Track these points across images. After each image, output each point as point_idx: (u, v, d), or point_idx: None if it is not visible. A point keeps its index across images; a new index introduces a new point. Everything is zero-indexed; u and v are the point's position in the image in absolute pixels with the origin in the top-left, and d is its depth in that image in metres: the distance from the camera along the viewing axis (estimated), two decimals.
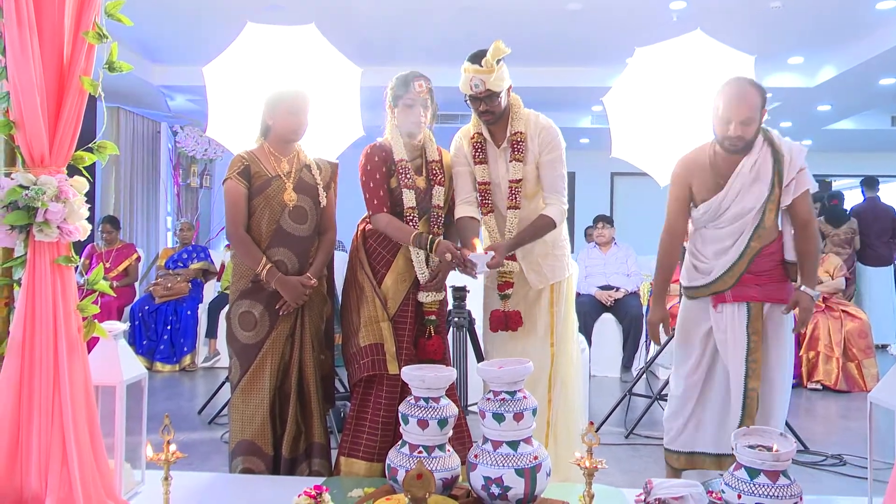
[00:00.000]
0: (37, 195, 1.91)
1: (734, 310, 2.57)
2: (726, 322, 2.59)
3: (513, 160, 2.70)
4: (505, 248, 2.62)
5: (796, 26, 5.83)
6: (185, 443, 3.67)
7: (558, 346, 2.81)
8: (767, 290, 2.56)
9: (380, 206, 2.65)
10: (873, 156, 10.89)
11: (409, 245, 2.60)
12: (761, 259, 2.57)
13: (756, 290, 2.56)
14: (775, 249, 2.59)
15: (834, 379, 5.21)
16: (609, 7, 5.48)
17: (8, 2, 1.85)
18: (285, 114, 2.66)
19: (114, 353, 2.25)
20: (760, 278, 2.56)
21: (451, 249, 2.53)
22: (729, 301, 2.59)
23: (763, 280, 2.56)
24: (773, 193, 2.54)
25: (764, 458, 1.77)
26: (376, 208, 2.66)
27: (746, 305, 2.55)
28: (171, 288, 6.03)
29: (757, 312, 2.55)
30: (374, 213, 2.67)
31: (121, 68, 2.05)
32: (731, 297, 2.58)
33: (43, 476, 1.94)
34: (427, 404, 2.08)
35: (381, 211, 2.65)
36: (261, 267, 2.59)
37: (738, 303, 2.57)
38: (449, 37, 6.08)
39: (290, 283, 2.61)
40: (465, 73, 2.61)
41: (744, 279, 2.57)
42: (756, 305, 2.55)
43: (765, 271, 2.57)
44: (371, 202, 2.67)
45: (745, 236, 2.58)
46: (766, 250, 2.57)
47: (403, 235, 2.60)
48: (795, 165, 2.53)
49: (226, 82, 3.70)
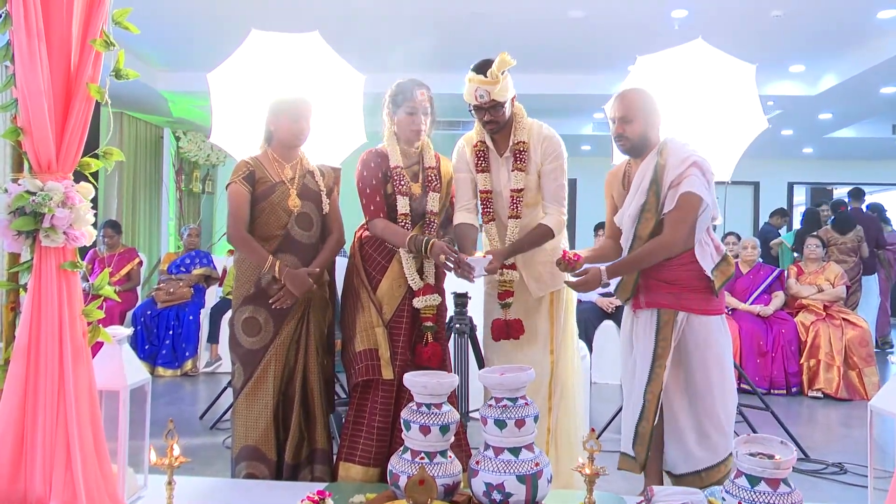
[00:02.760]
0: (43, 201, 1.93)
1: (647, 316, 2.58)
2: (640, 327, 2.61)
3: (515, 170, 2.72)
4: (503, 254, 2.65)
5: (797, 35, 5.85)
6: (187, 448, 3.66)
7: (558, 354, 2.82)
8: (681, 299, 2.52)
9: (376, 212, 2.68)
10: (874, 164, 10.91)
11: (405, 248, 2.62)
12: (671, 268, 2.53)
13: (668, 297, 2.53)
14: (690, 260, 2.52)
15: (835, 387, 5.21)
16: (611, 15, 5.51)
17: (17, 10, 1.87)
18: (286, 120, 2.68)
19: (118, 358, 2.26)
20: (673, 286, 2.53)
21: (445, 251, 2.54)
22: (643, 307, 2.60)
23: (676, 289, 2.53)
24: (647, 202, 2.53)
25: (765, 466, 1.78)
26: (373, 214, 2.68)
27: (657, 312, 2.54)
28: (173, 293, 6.04)
29: (668, 319, 2.52)
30: (370, 219, 2.70)
31: (127, 76, 2.07)
32: (644, 304, 2.59)
33: (47, 480, 1.95)
34: (429, 410, 2.09)
35: (378, 216, 2.68)
36: (268, 264, 2.60)
37: (650, 309, 2.57)
38: (452, 44, 6.10)
39: (298, 276, 2.62)
40: (470, 83, 2.62)
41: (653, 286, 2.56)
42: (667, 312, 2.53)
43: (679, 280, 2.53)
44: (367, 208, 2.70)
45: (627, 244, 2.62)
46: (676, 260, 2.52)
47: (399, 239, 2.63)
48: (672, 174, 2.48)
49: (230, 89, 3.72)
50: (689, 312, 2.52)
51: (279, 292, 2.63)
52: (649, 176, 2.54)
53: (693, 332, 2.54)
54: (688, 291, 2.52)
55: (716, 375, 2.54)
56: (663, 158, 2.52)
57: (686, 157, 2.49)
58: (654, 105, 2.60)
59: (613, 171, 2.80)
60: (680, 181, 2.46)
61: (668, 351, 2.52)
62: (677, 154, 2.51)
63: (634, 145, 2.58)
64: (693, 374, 2.56)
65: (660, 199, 2.52)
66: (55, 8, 1.94)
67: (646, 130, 2.56)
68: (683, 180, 2.46)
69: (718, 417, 2.55)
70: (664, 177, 2.50)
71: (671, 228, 2.49)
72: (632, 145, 2.58)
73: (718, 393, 2.55)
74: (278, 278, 2.61)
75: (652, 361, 2.53)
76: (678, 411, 2.58)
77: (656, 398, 2.52)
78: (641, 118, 2.56)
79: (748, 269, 5.76)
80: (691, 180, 2.46)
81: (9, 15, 1.91)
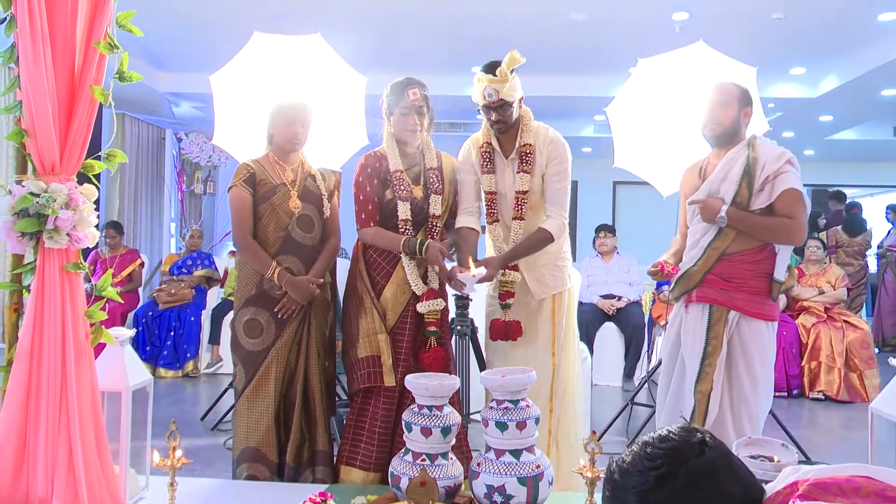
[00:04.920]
0: (47, 203, 1.93)
1: (698, 311, 2.55)
2: (690, 322, 2.57)
3: (520, 171, 2.73)
4: (499, 262, 2.65)
5: (798, 37, 5.86)
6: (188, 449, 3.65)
7: (560, 356, 2.82)
8: (733, 297, 2.48)
9: (367, 221, 2.67)
10: (875, 165, 10.92)
11: (401, 253, 2.62)
12: (731, 264, 2.50)
13: (720, 293, 2.50)
14: (754, 259, 2.50)
15: (836, 389, 5.21)
16: (612, 18, 5.51)
17: (22, 13, 1.88)
18: (283, 124, 2.70)
19: (120, 360, 2.27)
20: (728, 283, 2.49)
21: (439, 261, 2.55)
22: (693, 301, 2.57)
23: (730, 286, 2.49)
24: (738, 195, 2.50)
25: (765, 469, 1.78)
26: (363, 222, 2.67)
27: (709, 308, 2.51)
28: (174, 294, 6.05)
29: (719, 317, 2.49)
30: (360, 227, 2.68)
31: (131, 78, 2.08)
32: (696, 297, 2.55)
33: (49, 480, 1.96)
34: (431, 412, 2.09)
35: (368, 225, 2.66)
36: (271, 270, 2.61)
37: (701, 304, 2.54)
38: (453, 46, 6.11)
39: (299, 283, 2.63)
40: (479, 83, 2.64)
41: (709, 280, 2.53)
42: (718, 310, 2.49)
43: (735, 277, 2.50)
44: (359, 215, 2.68)
45: (709, 235, 2.56)
46: (739, 256, 2.49)
47: (393, 244, 2.62)
48: (768, 170, 2.47)
49: (232, 91, 3.73)
50: (741, 313, 2.49)
51: (283, 299, 2.64)
52: (739, 167, 2.51)
53: (742, 333, 2.50)
54: (742, 290, 2.49)
55: (760, 379, 2.52)
56: (755, 152, 2.51)
57: (781, 153, 2.50)
58: (749, 99, 2.61)
59: (690, 168, 2.78)
60: (777, 176, 2.46)
61: (718, 349, 2.48)
62: (772, 150, 2.51)
63: (726, 131, 2.57)
64: (739, 375, 2.52)
65: (752, 191, 2.49)
66: (59, 11, 1.95)
67: (738, 119, 2.57)
68: (780, 175, 2.46)
69: (755, 420, 2.53)
70: (757, 170, 2.48)
71: (797, 217, 2.47)
72: (723, 130, 2.57)
73: (760, 396, 2.53)
74: (277, 285, 2.62)
75: (702, 359, 2.49)
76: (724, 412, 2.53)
77: (706, 398, 2.48)
78: (737, 105, 2.57)
79: None
80: (789, 177, 2.46)
81: (14, 18, 1.92)
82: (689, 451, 1.20)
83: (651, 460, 1.21)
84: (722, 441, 1.28)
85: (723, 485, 1.19)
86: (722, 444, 1.24)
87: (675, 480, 1.18)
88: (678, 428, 1.26)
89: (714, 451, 1.21)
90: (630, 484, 1.21)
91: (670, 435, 1.24)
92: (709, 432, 1.25)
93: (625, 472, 1.23)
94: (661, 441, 1.23)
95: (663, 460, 1.20)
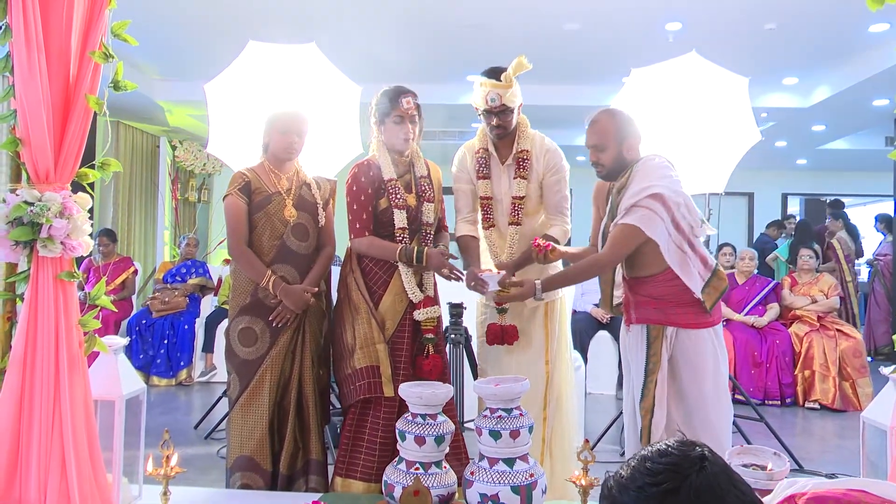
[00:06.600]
0: (41, 211, 1.94)
1: (637, 330, 2.58)
2: (631, 342, 2.60)
3: (517, 177, 2.75)
4: (512, 267, 2.71)
5: (790, 48, 5.91)
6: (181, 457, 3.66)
7: (553, 364, 2.83)
8: (668, 314, 2.50)
9: (361, 231, 2.64)
10: (867, 175, 10.98)
11: (397, 261, 2.62)
12: (655, 284, 2.51)
13: (654, 312, 2.52)
14: (665, 280, 2.49)
15: (831, 398, 5.23)
16: (606, 27, 5.55)
17: (17, 22, 1.89)
18: (278, 133, 2.71)
19: (113, 368, 2.27)
20: (660, 302, 2.51)
21: (445, 265, 2.55)
22: (633, 322, 2.60)
23: (663, 304, 2.51)
24: (606, 225, 2.54)
25: (758, 477, 1.79)
26: (358, 232, 2.65)
27: (647, 328, 2.54)
28: (168, 302, 6.04)
29: (657, 334, 2.51)
30: (354, 237, 2.66)
31: (126, 87, 2.09)
32: (634, 319, 2.59)
33: (42, 489, 1.96)
34: (424, 421, 2.09)
35: (363, 235, 2.64)
36: (266, 279, 2.62)
37: (640, 324, 2.56)
38: (447, 56, 6.13)
39: (294, 292, 2.63)
40: (482, 88, 2.67)
41: (642, 302, 2.55)
42: (655, 328, 2.51)
43: (664, 296, 2.50)
44: (353, 225, 2.66)
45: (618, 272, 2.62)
46: (664, 276, 2.48)
47: (389, 253, 2.61)
48: (626, 203, 2.43)
49: (227, 100, 3.74)
50: (678, 327, 2.51)
51: (278, 308, 2.64)
52: (613, 198, 2.53)
53: (682, 345, 2.52)
54: (675, 306, 2.49)
55: (709, 388, 2.54)
56: (627, 182, 2.48)
57: (646, 186, 2.41)
58: (628, 126, 2.53)
59: (600, 183, 2.77)
60: (629, 208, 2.40)
61: (658, 366, 2.51)
62: (640, 181, 2.44)
63: (610, 171, 2.55)
64: (686, 387, 2.54)
65: (614, 216, 2.49)
66: (55, 20, 1.96)
67: (620, 154, 2.52)
68: (631, 208, 2.40)
69: (714, 430, 2.54)
70: (621, 202, 2.46)
71: (609, 250, 2.47)
72: (607, 172, 2.55)
73: (713, 405, 2.54)
74: (272, 294, 2.62)
75: (644, 377, 2.53)
76: (676, 426, 2.57)
77: (649, 414, 2.51)
78: (614, 144, 2.50)
79: (744, 280, 5.79)
80: (634, 212, 2.39)
81: (9, 27, 1.93)
82: (688, 466, 1.19)
83: (651, 476, 1.19)
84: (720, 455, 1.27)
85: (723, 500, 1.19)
86: (721, 459, 1.24)
87: (676, 496, 1.18)
88: (676, 442, 1.25)
89: (714, 465, 1.20)
90: (628, 500, 1.20)
91: (669, 449, 1.23)
92: (707, 447, 1.25)
93: (623, 488, 1.21)
94: (659, 456, 1.21)
95: (663, 476, 1.18)
